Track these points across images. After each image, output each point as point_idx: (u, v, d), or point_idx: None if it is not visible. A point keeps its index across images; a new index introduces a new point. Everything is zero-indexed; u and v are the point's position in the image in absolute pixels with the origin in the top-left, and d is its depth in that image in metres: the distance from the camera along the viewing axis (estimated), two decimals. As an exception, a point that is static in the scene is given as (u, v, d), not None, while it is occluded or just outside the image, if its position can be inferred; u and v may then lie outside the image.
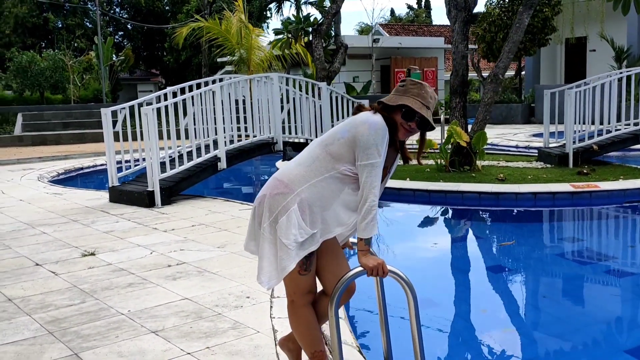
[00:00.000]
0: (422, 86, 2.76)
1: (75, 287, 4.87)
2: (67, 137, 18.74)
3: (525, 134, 16.89)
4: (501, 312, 5.10)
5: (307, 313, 2.96)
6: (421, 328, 3.06)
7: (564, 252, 6.81)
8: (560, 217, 8.38)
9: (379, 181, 2.69)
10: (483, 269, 6.35)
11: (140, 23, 39.84)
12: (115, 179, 8.57)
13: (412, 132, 2.76)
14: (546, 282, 5.90)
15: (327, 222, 2.76)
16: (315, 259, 2.86)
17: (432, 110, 2.76)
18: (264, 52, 17.50)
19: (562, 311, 5.05)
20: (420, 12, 54.94)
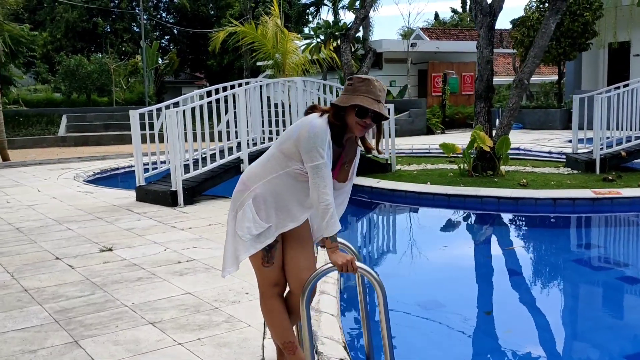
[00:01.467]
0: (369, 82, 2.83)
1: (88, 280, 5.13)
2: (107, 138, 19.35)
3: (560, 140, 16.62)
4: (505, 314, 5.13)
5: (275, 304, 3.10)
6: (390, 324, 3.15)
7: (580, 258, 6.77)
8: (579, 223, 8.30)
9: (327, 181, 2.80)
10: (495, 273, 6.39)
11: (185, 27, 40.69)
12: (142, 179, 8.88)
13: (369, 127, 2.85)
14: (561, 287, 5.89)
15: (281, 216, 2.93)
16: (280, 251, 3.02)
17: (383, 102, 2.83)
18: (298, 56, 17.72)
19: (577, 317, 5.05)
20: (464, 15, 54.42)
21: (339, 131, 2.88)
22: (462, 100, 25.80)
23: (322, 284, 4.78)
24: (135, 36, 40.36)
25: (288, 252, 3.06)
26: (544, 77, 30.87)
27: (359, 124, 2.81)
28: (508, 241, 7.60)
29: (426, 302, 5.23)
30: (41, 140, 18.82)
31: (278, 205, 2.93)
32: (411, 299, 5.27)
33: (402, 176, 10.30)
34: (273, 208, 2.92)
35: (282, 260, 3.09)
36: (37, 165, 14.48)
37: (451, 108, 23.34)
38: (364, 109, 2.78)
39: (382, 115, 2.83)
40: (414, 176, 10.23)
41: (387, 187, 9.50)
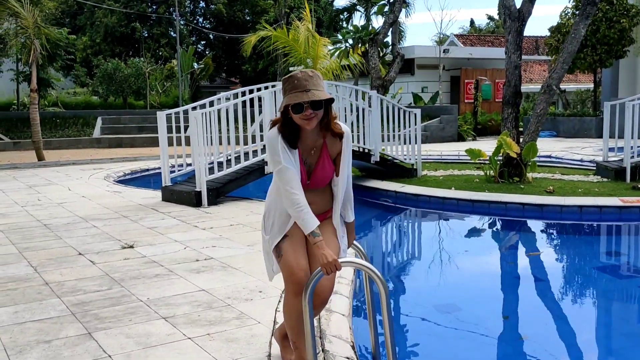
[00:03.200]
0: (292, 78, 2.88)
1: (107, 276, 5.24)
2: (141, 140, 19.69)
3: (594, 148, 16.32)
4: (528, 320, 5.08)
5: (294, 303, 3.10)
6: (392, 322, 3.16)
7: (604, 266, 6.66)
8: (605, 231, 8.15)
9: (293, 182, 2.93)
10: (518, 279, 6.31)
11: (221, 33, 41.18)
12: (168, 179, 9.03)
13: (312, 116, 2.86)
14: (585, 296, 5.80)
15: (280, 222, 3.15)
16: (287, 244, 3.10)
17: (315, 87, 2.83)
18: (330, 61, 17.79)
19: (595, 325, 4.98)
20: (500, 22, 53.89)
21: (296, 133, 2.96)
22: (495, 107, 25.52)
23: (335, 285, 4.79)
24: (172, 41, 40.99)
25: (312, 253, 3.11)
26: (580, 85, 30.36)
27: (302, 118, 2.86)
28: (531, 248, 7.51)
29: (446, 306, 5.20)
30: (76, 142, 19.27)
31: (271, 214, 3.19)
32: (430, 302, 5.26)
33: (427, 181, 10.25)
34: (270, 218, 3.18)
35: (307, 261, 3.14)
36: (71, 165, 14.83)
37: (484, 115, 23.13)
38: (294, 105, 2.84)
39: (319, 102, 2.84)
40: (440, 181, 10.18)
41: (411, 191, 9.47)
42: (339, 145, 3.06)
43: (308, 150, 3.05)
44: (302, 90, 2.82)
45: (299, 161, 3.01)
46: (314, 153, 3.07)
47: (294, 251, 3.10)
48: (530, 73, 32.75)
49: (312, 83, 2.85)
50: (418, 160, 10.99)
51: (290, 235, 3.13)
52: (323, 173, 3.09)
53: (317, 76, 2.93)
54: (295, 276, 3.05)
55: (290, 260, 3.08)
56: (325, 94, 2.88)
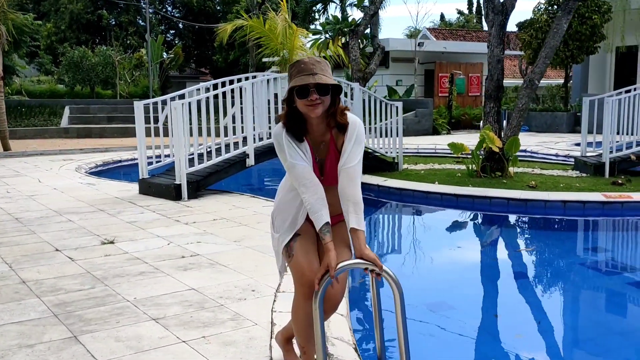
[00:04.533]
0: (298, 63, 2.71)
1: (89, 273, 4.98)
2: (111, 130, 19.21)
3: (567, 143, 16.48)
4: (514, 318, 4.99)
5: (304, 306, 2.92)
6: (407, 325, 3.00)
7: (589, 261, 6.64)
8: (590, 226, 8.16)
9: (300, 179, 2.77)
10: (505, 274, 6.25)
11: (191, 22, 40.55)
12: (145, 172, 8.73)
13: (318, 103, 2.67)
14: (569, 291, 5.76)
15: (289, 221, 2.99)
16: (298, 244, 2.91)
17: (322, 71, 2.67)
18: (306, 52, 17.55)
19: (583, 322, 4.94)
20: (470, 17, 54.23)
21: (302, 124, 2.78)
22: (468, 102, 25.64)
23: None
24: (141, 29, 40.22)
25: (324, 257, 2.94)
26: (550, 81, 30.67)
27: (306, 104, 2.67)
28: (517, 243, 7.47)
29: (433, 304, 5.08)
30: (43, 131, 18.69)
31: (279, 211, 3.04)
32: (418, 300, 5.12)
33: (409, 175, 10.15)
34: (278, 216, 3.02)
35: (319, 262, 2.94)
36: (39, 155, 14.35)
37: (458, 109, 23.17)
38: (300, 87, 2.65)
39: (327, 86, 2.66)
40: (422, 176, 10.08)
41: (394, 185, 9.35)
42: (344, 137, 2.84)
43: (317, 144, 2.85)
44: (309, 73, 2.65)
45: (310, 154, 2.81)
46: (323, 147, 2.86)
47: (306, 252, 2.91)
48: (501, 68, 32.97)
49: (319, 68, 2.69)
50: (399, 153, 10.88)
51: (301, 234, 2.95)
52: (333, 170, 2.88)
53: (324, 63, 2.76)
54: (306, 278, 2.86)
55: (301, 262, 2.89)
56: (332, 80, 2.71)
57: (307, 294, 2.87)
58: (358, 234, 2.79)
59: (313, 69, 2.67)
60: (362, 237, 2.79)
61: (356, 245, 2.84)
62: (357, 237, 2.79)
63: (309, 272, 2.85)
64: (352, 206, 2.80)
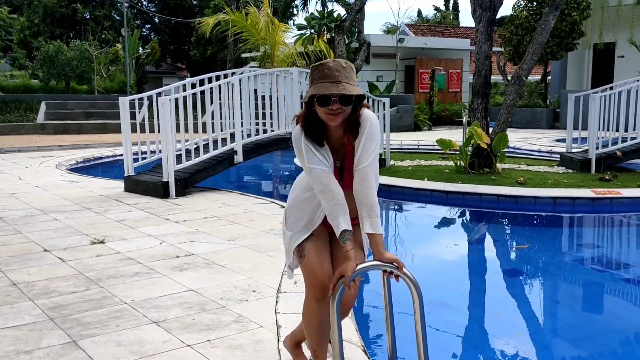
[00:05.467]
0: (322, 66, 2.55)
1: (81, 275, 4.83)
2: (89, 126, 18.88)
3: (548, 139, 16.61)
4: (513, 316, 4.96)
5: (316, 309, 2.82)
6: (426, 328, 2.94)
7: (581, 258, 6.65)
8: (580, 222, 8.19)
9: (318, 184, 2.65)
10: (497, 272, 6.22)
11: (168, 17, 40.06)
12: (131, 169, 8.55)
13: (339, 112, 2.53)
14: (561, 287, 5.76)
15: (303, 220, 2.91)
16: (311, 244, 2.81)
17: (346, 79, 2.52)
18: (288, 48, 17.42)
19: (575, 318, 4.92)
20: (447, 13, 54.51)
21: (321, 128, 2.65)
22: (448, 98, 25.71)
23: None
24: (116, 24, 39.63)
25: (335, 256, 2.84)
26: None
27: (327, 113, 2.53)
28: (510, 240, 7.46)
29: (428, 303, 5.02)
30: (19, 127, 18.29)
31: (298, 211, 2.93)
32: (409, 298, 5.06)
33: (397, 172, 10.10)
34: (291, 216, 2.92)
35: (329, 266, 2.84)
36: (16, 152, 14.02)
37: (438, 105, 23.22)
38: (321, 96, 2.51)
39: (349, 97, 2.52)
40: (410, 172, 10.04)
41: (383, 182, 9.27)
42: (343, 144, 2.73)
43: (336, 148, 2.72)
44: (332, 81, 2.49)
45: (331, 160, 2.67)
46: (340, 152, 2.74)
47: (318, 253, 2.80)
48: (480, 64, 33.15)
49: (344, 75, 2.53)
50: (387, 150, 10.84)
51: (315, 235, 2.84)
52: (350, 173, 2.75)
53: (350, 68, 2.60)
54: (317, 280, 2.75)
55: (313, 263, 2.78)
56: (357, 89, 2.55)
57: (318, 297, 2.78)
58: (375, 238, 2.68)
59: (338, 77, 2.52)
60: (379, 240, 2.69)
61: (374, 250, 2.75)
62: (375, 242, 2.69)
63: (321, 274, 2.76)
64: (366, 210, 2.68)
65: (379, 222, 2.71)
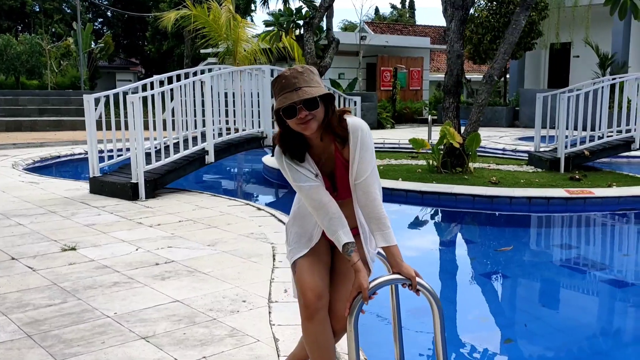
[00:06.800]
0: (279, 79, 2.46)
1: (55, 285, 4.53)
2: (43, 123, 18.19)
3: (510, 137, 16.79)
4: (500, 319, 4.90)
5: (306, 327, 2.63)
6: (446, 344, 2.79)
7: (555, 258, 6.68)
8: (555, 222, 8.22)
9: (309, 201, 2.56)
10: (475, 273, 6.17)
11: (121, 10, 39.10)
12: (96, 170, 8.18)
13: (309, 119, 2.41)
14: (537, 288, 5.77)
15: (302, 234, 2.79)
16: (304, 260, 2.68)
17: (306, 83, 2.40)
18: (252, 44, 17.14)
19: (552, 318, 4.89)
20: (403, 12, 54.83)
21: (300, 142, 2.53)
22: (409, 95, 25.78)
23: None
24: (67, 17, 38.45)
25: (339, 272, 2.69)
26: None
27: (297, 123, 2.41)
28: (488, 241, 7.42)
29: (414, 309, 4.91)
30: (-32, 124, 17.48)
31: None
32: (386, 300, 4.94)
33: (368, 171, 9.95)
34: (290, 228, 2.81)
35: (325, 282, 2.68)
36: (-33, 151, 13.36)
37: (400, 103, 23.25)
38: (285, 108, 2.40)
39: (313, 100, 2.38)
40: (382, 172, 9.91)
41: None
42: (349, 146, 2.54)
43: (321, 159, 2.58)
44: (292, 89, 2.39)
45: (317, 168, 2.56)
46: (326, 162, 2.59)
47: (310, 269, 2.64)
48: (438, 62, 33.44)
49: (302, 80, 2.40)
50: (357, 149, 10.68)
51: (313, 249, 2.69)
52: (345, 183, 2.61)
53: (308, 71, 2.46)
54: (305, 298, 2.58)
55: (301, 279, 2.62)
56: (320, 89, 2.42)
57: (307, 315, 2.60)
58: (390, 250, 2.60)
59: (296, 84, 2.40)
60: (395, 252, 2.60)
61: (391, 262, 2.63)
62: (391, 254, 2.60)
63: (308, 291, 2.59)
64: (375, 223, 2.61)
65: (391, 233, 2.63)
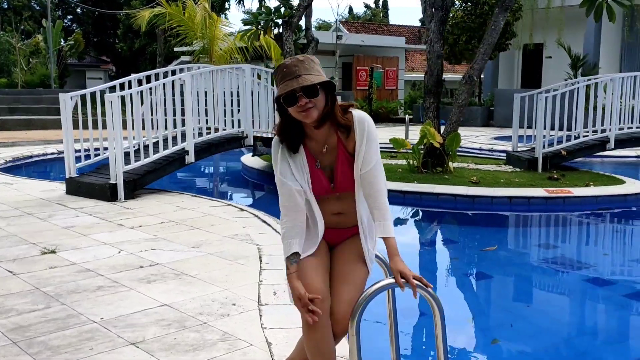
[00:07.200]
0: (280, 68, 2.49)
1: (38, 290, 4.40)
2: (13, 122, 17.81)
3: (486, 137, 16.93)
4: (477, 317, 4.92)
5: (306, 332, 2.57)
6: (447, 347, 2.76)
7: (537, 258, 6.74)
8: (536, 222, 8.29)
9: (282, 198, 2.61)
10: (458, 273, 6.19)
11: (91, 7, 38.50)
12: (73, 170, 8.01)
13: (309, 107, 2.43)
14: (522, 287, 5.80)
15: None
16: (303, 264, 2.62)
17: (306, 71, 2.43)
18: (229, 42, 16.97)
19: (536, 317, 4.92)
20: (377, 11, 54.99)
21: (299, 133, 2.56)
22: (385, 95, 25.86)
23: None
24: (36, 14, 37.77)
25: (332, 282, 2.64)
26: (458, 75, 31.60)
27: (297, 111, 2.44)
28: (470, 240, 7.44)
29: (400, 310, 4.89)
30: None
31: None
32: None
33: (349, 171, 9.92)
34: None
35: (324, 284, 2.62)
36: (-64, 150, 13.00)
37: (376, 102, 23.29)
38: (286, 96, 2.43)
39: (313, 87, 2.41)
40: (362, 172, 9.89)
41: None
42: (354, 137, 2.56)
43: (320, 150, 2.58)
44: (292, 77, 2.43)
45: (306, 167, 2.58)
46: (327, 153, 2.59)
47: (311, 273, 2.59)
48: (413, 62, 33.60)
49: (302, 68, 2.44)
50: (338, 149, 10.64)
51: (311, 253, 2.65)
52: (345, 175, 2.60)
53: (308, 60, 2.50)
54: (303, 302, 2.52)
55: (303, 283, 2.56)
56: (320, 77, 2.46)
57: (306, 320, 2.53)
58: (387, 242, 2.61)
59: (296, 71, 2.44)
60: (391, 244, 2.60)
61: (388, 255, 2.64)
62: (387, 246, 2.61)
63: (306, 296, 2.53)
64: (378, 212, 2.62)
65: (390, 225, 2.62)
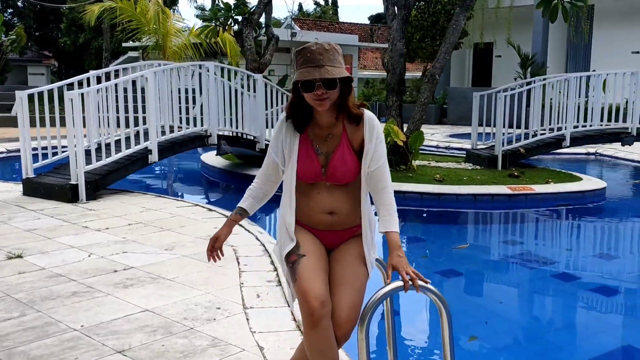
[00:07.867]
0: (304, 50, 2.44)
1: (9, 297, 4.19)
2: (-45, 120, 17.04)
3: (441, 134, 17.16)
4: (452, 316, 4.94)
5: (309, 336, 2.51)
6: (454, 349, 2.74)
7: (503, 254, 6.90)
8: (500, 218, 8.43)
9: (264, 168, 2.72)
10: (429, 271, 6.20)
11: (34, 1, 37.23)
12: (30, 170, 7.69)
13: (325, 97, 2.41)
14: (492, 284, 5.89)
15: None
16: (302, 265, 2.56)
17: (330, 62, 2.40)
18: (183, 38, 16.68)
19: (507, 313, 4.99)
20: (327, 8, 55.04)
21: (307, 114, 2.54)
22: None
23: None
24: (-25, 7, 36.29)
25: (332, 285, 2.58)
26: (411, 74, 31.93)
27: (313, 98, 2.42)
28: (434, 238, 7.50)
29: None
30: None
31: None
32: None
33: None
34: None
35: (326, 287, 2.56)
36: None
37: (330, 100, 23.21)
38: (304, 82, 2.40)
39: (333, 80, 2.39)
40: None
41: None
42: (361, 133, 2.55)
43: (322, 135, 2.56)
44: (315, 65, 2.39)
45: (296, 148, 2.56)
46: (329, 140, 2.56)
47: (310, 275, 2.52)
48: (364, 60, 33.78)
49: (327, 58, 2.40)
50: (301, 147, 10.58)
51: (308, 255, 2.58)
52: (343, 166, 2.54)
53: (333, 50, 2.45)
54: (307, 305, 2.45)
55: (304, 287, 2.49)
56: (342, 71, 2.43)
57: (311, 324, 2.48)
58: (388, 236, 2.57)
59: (320, 60, 2.39)
60: (393, 239, 2.56)
61: (389, 249, 2.59)
62: (390, 240, 2.57)
63: (311, 298, 2.47)
64: (384, 208, 2.60)
65: (393, 220, 2.59)
